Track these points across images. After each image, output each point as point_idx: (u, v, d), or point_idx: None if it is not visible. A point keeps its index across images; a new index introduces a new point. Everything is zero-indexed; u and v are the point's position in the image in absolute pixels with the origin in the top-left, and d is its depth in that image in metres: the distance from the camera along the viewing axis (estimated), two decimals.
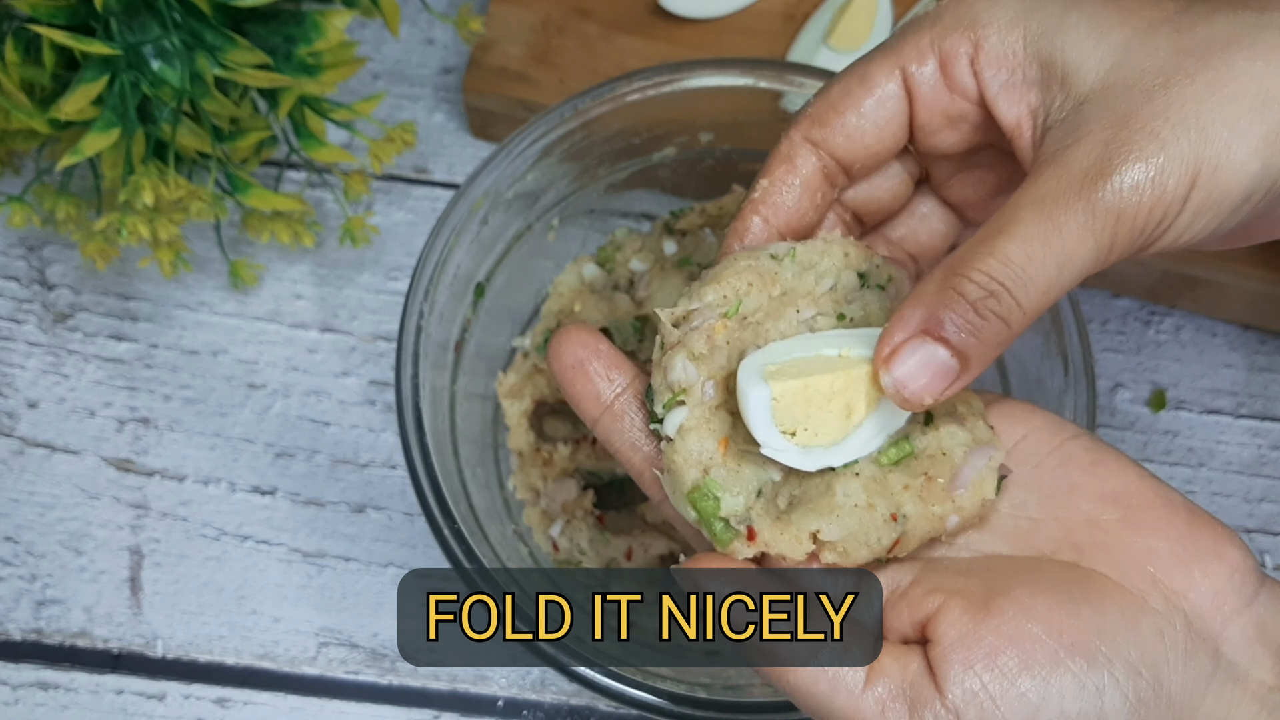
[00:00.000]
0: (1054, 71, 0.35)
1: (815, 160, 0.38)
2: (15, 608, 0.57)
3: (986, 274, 0.33)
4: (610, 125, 0.52)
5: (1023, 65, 0.36)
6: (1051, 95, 0.35)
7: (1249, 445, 0.60)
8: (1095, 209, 0.33)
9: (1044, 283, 0.33)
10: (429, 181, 0.64)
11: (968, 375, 0.34)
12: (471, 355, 0.53)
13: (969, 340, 0.33)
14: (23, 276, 0.61)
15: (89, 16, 0.49)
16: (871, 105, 0.38)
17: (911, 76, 0.37)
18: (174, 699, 0.55)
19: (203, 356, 0.60)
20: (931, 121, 0.38)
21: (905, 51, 0.37)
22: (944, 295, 0.33)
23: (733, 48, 0.61)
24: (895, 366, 0.33)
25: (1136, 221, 0.33)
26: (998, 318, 0.33)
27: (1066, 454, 0.37)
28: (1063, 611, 0.34)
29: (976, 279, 0.33)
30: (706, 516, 0.35)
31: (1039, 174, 0.34)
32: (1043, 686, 0.33)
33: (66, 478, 0.58)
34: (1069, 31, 0.35)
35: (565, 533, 0.53)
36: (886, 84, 0.37)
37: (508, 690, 0.56)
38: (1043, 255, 0.33)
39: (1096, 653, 0.33)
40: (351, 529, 0.58)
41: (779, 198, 0.39)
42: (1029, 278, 0.33)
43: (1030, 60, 0.36)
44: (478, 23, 0.57)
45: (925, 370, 0.33)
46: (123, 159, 0.50)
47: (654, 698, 0.43)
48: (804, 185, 0.38)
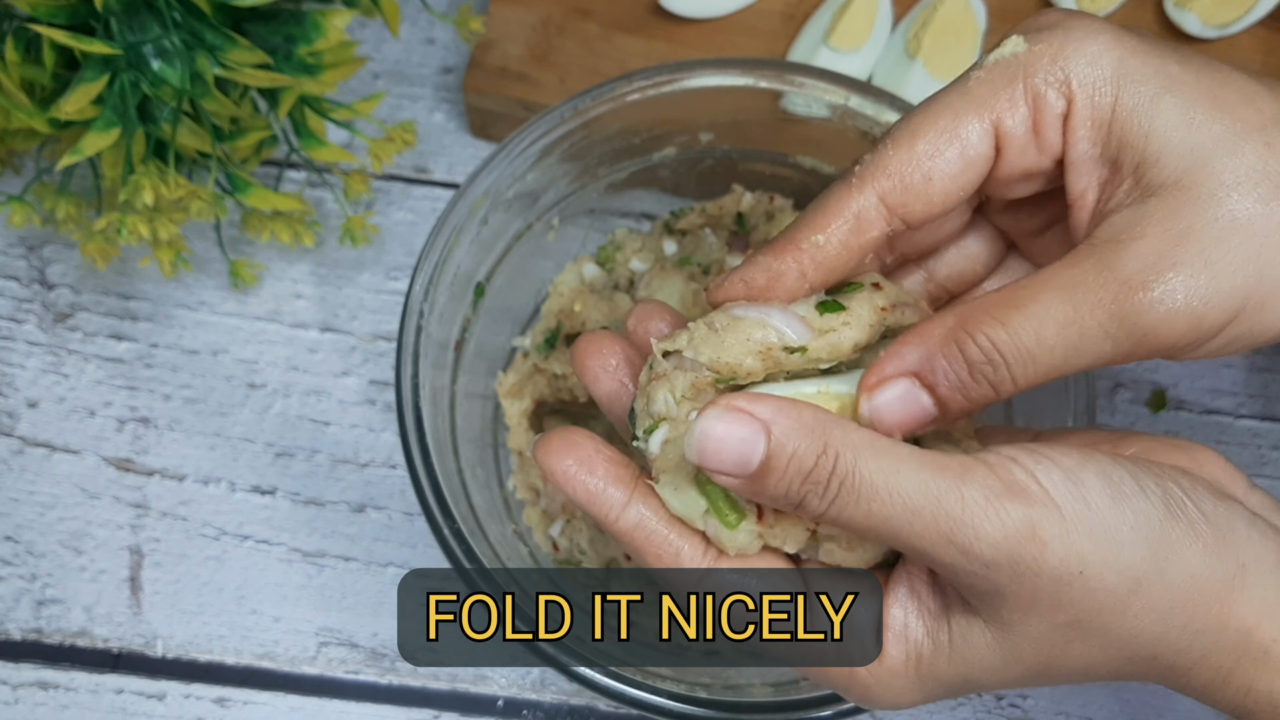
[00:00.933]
0: (1133, 156, 0.33)
1: (884, 224, 0.35)
2: (15, 607, 0.57)
3: (992, 342, 0.32)
4: (610, 125, 0.51)
5: (1105, 139, 0.34)
6: (1122, 178, 0.34)
7: (1249, 445, 0.60)
8: (1123, 321, 0.32)
9: (1046, 366, 0.33)
10: (429, 181, 0.64)
11: (941, 422, 0.34)
12: (471, 355, 0.53)
13: (955, 395, 0.33)
14: (23, 276, 0.61)
15: (89, 16, 0.49)
16: (959, 167, 0.34)
17: (1005, 134, 0.34)
18: (174, 699, 0.55)
19: (203, 356, 0.60)
20: (1011, 176, 0.35)
21: (999, 103, 0.34)
22: (946, 346, 0.33)
23: (733, 48, 0.61)
24: (877, 395, 0.33)
25: (1162, 341, 0.32)
26: (989, 384, 0.33)
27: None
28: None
29: (980, 343, 0.32)
30: (714, 498, 0.35)
31: (1080, 260, 0.33)
32: (1082, 456, 0.33)
33: (66, 477, 0.58)
34: (1159, 116, 0.33)
35: (565, 533, 0.53)
36: (980, 144, 0.34)
37: (508, 690, 0.56)
38: (1054, 343, 0.32)
39: (1126, 461, 0.33)
40: (351, 529, 0.58)
41: (829, 256, 0.35)
42: (1033, 358, 0.32)
43: (1115, 136, 0.34)
44: (478, 23, 0.57)
45: (903, 407, 0.33)
46: (123, 159, 0.50)
47: (654, 698, 0.43)
48: (862, 249, 0.35)
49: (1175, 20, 0.61)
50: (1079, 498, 0.32)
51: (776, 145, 0.54)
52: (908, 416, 0.33)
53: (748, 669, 0.48)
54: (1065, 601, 0.32)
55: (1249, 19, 0.60)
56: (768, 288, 0.35)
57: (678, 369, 0.35)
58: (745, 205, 0.56)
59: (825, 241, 0.34)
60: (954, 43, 0.59)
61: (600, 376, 0.38)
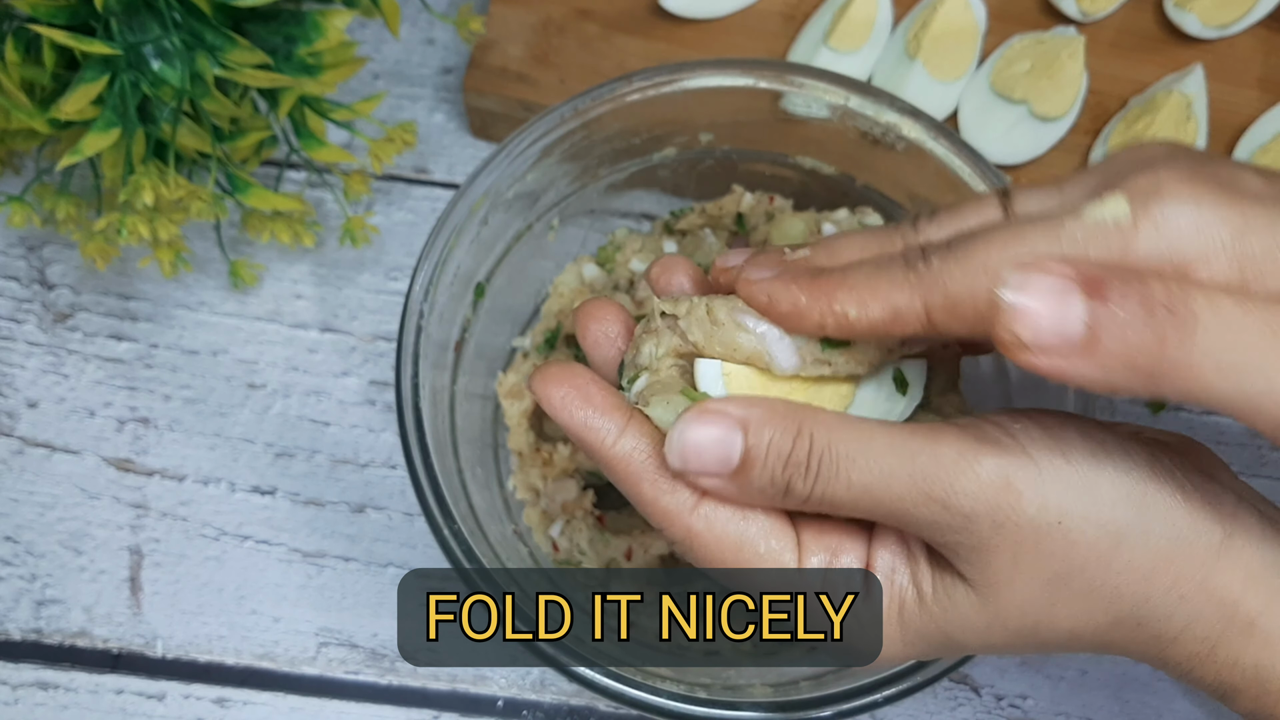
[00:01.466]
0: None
1: (919, 329, 0.33)
2: (15, 608, 0.57)
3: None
4: (610, 125, 0.51)
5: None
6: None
7: (1249, 445, 0.60)
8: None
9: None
10: (429, 181, 0.64)
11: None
12: (471, 355, 0.53)
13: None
14: (23, 276, 0.61)
15: (89, 16, 0.49)
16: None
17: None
18: (174, 699, 0.55)
19: (203, 356, 0.60)
20: None
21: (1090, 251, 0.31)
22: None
23: (733, 48, 0.61)
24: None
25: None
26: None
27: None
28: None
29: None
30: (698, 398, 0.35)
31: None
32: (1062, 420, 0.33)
33: (66, 477, 0.58)
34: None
35: (565, 533, 0.53)
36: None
37: (508, 690, 0.56)
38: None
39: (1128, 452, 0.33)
40: (351, 529, 0.58)
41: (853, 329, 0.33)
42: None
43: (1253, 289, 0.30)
44: (478, 23, 0.57)
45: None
46: (123, 159, 0.50)
47: (654, 698, 0.43)
48: (884, 337, 0.35)
49: (1175, 20, 0.61)
50: (1055, 451, 0.32)
51: (776, 145, 0.54)
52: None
53: (748, 669, 0.48)
54: (1046, 554, 0.32)
55: (1249, 19, 0.60)
56: (784, 317, 0.34)
57: (669, 329, 0.36)
58: (745, 206, 0.56)
59: (856, 317, 0.33)
60: (954, 43, 0.59)
61: (600, 342, 0.39)
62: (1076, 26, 0.61)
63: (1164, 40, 0.61)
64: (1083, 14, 0.61)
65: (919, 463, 0.32)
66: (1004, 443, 0.32)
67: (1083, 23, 0.61)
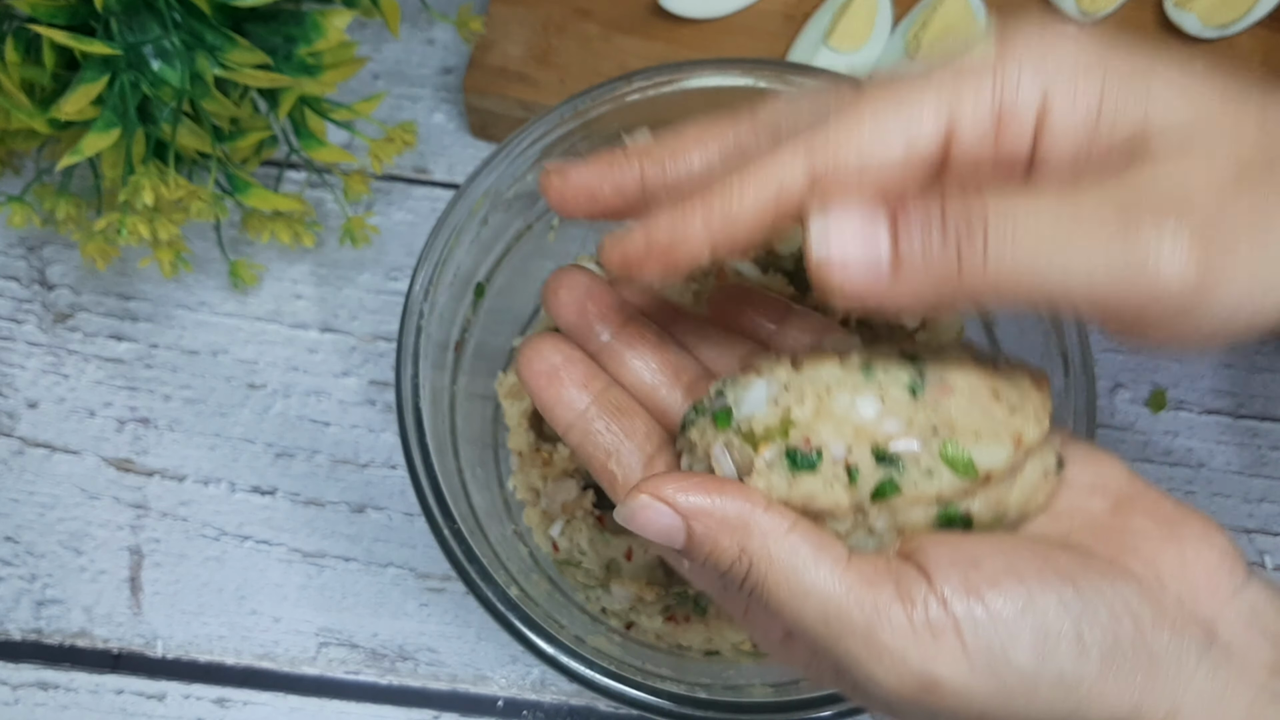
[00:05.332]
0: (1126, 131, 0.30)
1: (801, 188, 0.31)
2: (15, 608, 0.57)
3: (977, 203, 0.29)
4: (610, 125, 0.51)
5: (1094, 124, 0.30)
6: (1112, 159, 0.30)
7: (1249, 445, 0.60)
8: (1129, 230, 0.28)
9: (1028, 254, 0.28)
10: (429, 181, 0.64)
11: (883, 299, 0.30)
12: (471, 355, 0.53)
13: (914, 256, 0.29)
14: (23, 276, 0.61)
15: (89, 16, 0.49)
16: (900, 159, 0.31)
17: (959, 129, 0.31)
18: (174, 699, 0.55)
19: (203, 356, 0.60)
20: (955, 166, 0.31)
21: (963, 92, 0.30)
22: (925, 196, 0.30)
23: (733, 48, 0.61)
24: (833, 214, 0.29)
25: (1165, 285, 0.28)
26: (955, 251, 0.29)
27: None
28: (1049, 553, 0.32)
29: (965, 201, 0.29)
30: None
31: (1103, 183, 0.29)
32: (1028, 596, 0.30)
33: (66, 478, 0.58)
34: (1154, 95, 0.30)
35: (565, 533, 0.53)
36: (930, 139, 0.30)
37: (508, 690, 0.56)
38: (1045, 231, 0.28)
39: (1084, 586, 0.31)
40: (351, 529, 0.58)
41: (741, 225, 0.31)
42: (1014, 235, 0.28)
43: (1104, 120, 0.30)
44: (478, 23, 0.57)
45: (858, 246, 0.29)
46: (123, 159, 0.50)
47: (654, 698, 0.43)
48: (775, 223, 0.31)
49: (1175, 20, 0.61)
50: (998, 654, 0.30)
51: None
52: (857, 261, 0.29)
53: (748, 669, 0.48)
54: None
55: (1249, 19, 0.60)
56: (670, 249, 0.32)
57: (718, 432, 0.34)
58: None
59: (739, 208, 0.31)
60: (954, 43, 0.59)
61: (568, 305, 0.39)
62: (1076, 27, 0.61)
63: (1164, 40, 0.61)
64: (1082, 14, 0.61)
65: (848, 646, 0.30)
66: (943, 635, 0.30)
67: (1082, 23, 0.61)
